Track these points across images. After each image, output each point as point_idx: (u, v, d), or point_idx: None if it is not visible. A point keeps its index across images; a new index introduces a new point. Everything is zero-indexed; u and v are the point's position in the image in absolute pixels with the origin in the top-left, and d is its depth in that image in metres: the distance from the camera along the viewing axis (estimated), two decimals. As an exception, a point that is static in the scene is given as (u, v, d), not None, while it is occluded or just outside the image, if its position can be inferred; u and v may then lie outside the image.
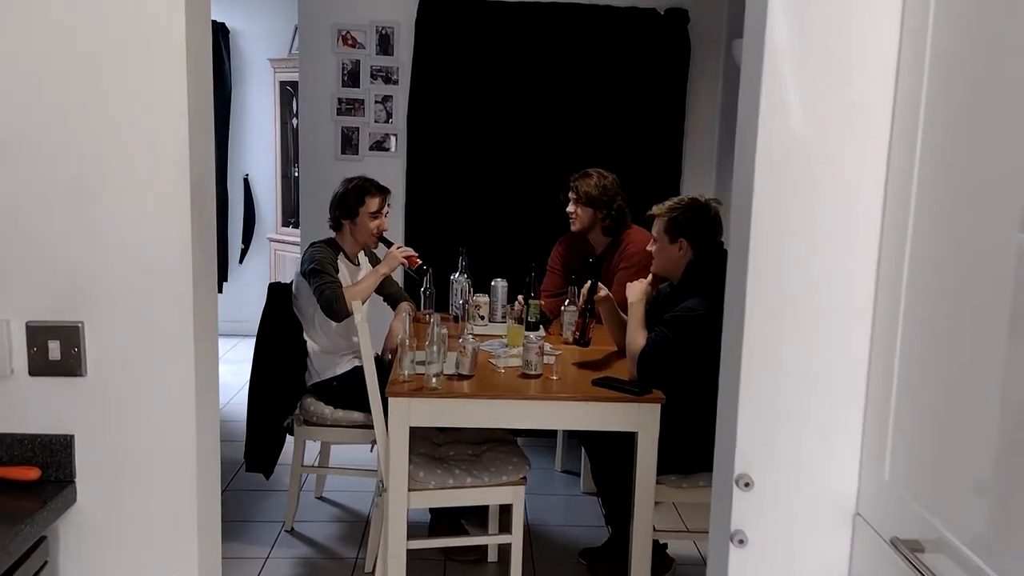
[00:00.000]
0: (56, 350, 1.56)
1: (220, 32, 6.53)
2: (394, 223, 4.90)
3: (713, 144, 5.02)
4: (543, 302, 3.78)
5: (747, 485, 1.54)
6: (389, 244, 3.57)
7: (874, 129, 1.45)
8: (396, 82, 4.90)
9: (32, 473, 1.57)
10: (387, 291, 3.81)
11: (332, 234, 3.60)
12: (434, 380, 2.82)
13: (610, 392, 2.86)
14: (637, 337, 3.01)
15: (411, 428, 2.83)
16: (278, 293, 3.54)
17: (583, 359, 3.28)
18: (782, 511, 1.54)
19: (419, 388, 2.82)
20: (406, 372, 2.90)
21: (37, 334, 1.56)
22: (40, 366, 1.57)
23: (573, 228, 3.84)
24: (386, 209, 3.58)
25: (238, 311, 6.06)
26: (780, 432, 1.53)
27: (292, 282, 3.55)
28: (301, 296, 3.49)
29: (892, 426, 1.44)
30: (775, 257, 1.50)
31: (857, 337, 1.50)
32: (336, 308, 3.31)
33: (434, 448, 3.12)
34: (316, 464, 3.92)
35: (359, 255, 3.67)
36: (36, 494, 1.53)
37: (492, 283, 3.84)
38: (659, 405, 2.82)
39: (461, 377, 2.95)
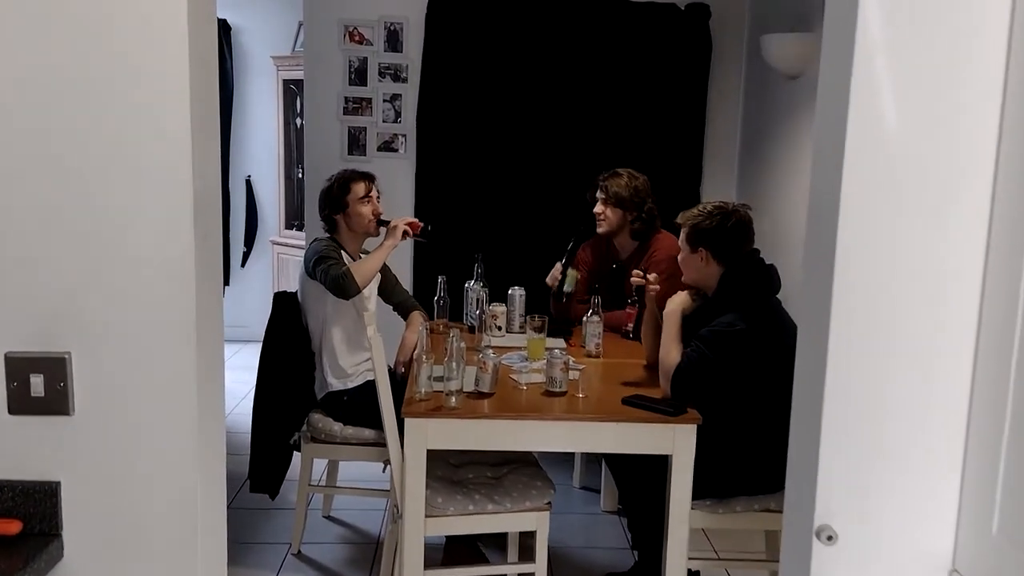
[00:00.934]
0: (39, 385, 1.37)
1: (221, 29, 6.33)
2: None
3: (735, 145, 4.83)
4: (580, 274, 3.63)
5: (830, 539, 1.34)
6: (387, 223, 3.38)
7: (981, 134, 1.26)
8: (405, 80, 4.70)
9: (12, 527, 1.37)
10: (397, 300, 3.62)
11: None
12: (453, 399, 2.63)
13: (642, 412, 2.67)
14: (672, 352, 2.81)
15: (428, 451, 2.64)
16: (284, 303, 3.35)
17: (609, 374, 3.09)
18: (873, 569, 1.35)
19: (437, 408, 2.63)
20: (423, 389, 2.71)
21: (18, 367, 1.37)
22: (21, 404, 1.38)
23: (600, 230, 3.65)
24: (375, 193, 3.38)
25: (240, 316, 5.87)
26: (871, 477, 1.34)
27: (297, 290, 3.36)
28: (308, 298, 3.29)
29: (1003, 471, 1.25)
30: (864, 276, 1.31)
31: (958, 368, 1.31)
32: (344, 284, 3.11)
33: (451, 470, 2.93)
34: (323, 483, 3.73)
35: (363, 255, 3.48)
36: (17, 550, 1.34)
37: (509, 291, 3.65)
38: (695, 426, 2.63)
39: (481, 395, 2.75)
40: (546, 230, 4.54)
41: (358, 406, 3.23)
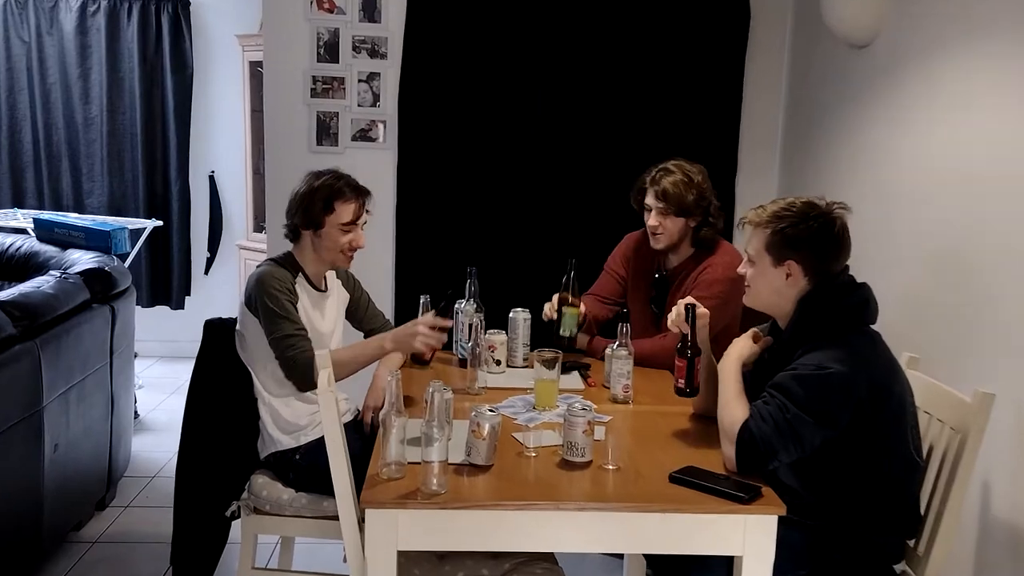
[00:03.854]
0: None
1: (179, 5, 5.57)
2: (382, 234, 3.96)
3: (776, 132, 4.06)
4: (583, 308, 2.85)
5: None
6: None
7: None
8: (384, 56, 3.93)
9: None
10: (370, 326, 2.86)
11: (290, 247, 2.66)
12: (435, 481, 1.86)
13: (698, 494, 1.91)
14: (734, 408, 2.05)
15: (399, 552, 1.88)
16: (217, 334, 2.58)
17: (644, 430, 2.32)
18: None
19: (411, 493, 1.87)
20: (392, 461, 1.95)
21: None
22: None
23: (658, 246, 2.90)
24: (364, 218, 2.63)
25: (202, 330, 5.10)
26: None
27: (237, 318, 2.60)
28: (248, 335, 2.53)
29: None
30: None
31: None
32: (304, 376, 2.41)
33: (434, 568, 2.17)
34: (274, 566, 2.96)
35: (327, 278, 2.72)
36: None
37: (511, 314, 2.88)
38: (775, 517, 1.87)
39: (474, 468, 1.99)
40: (556, 238, 3.80)
41: (314, 469, 2.46)
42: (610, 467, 2.03)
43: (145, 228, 4.96)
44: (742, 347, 2.20)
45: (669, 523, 1.88)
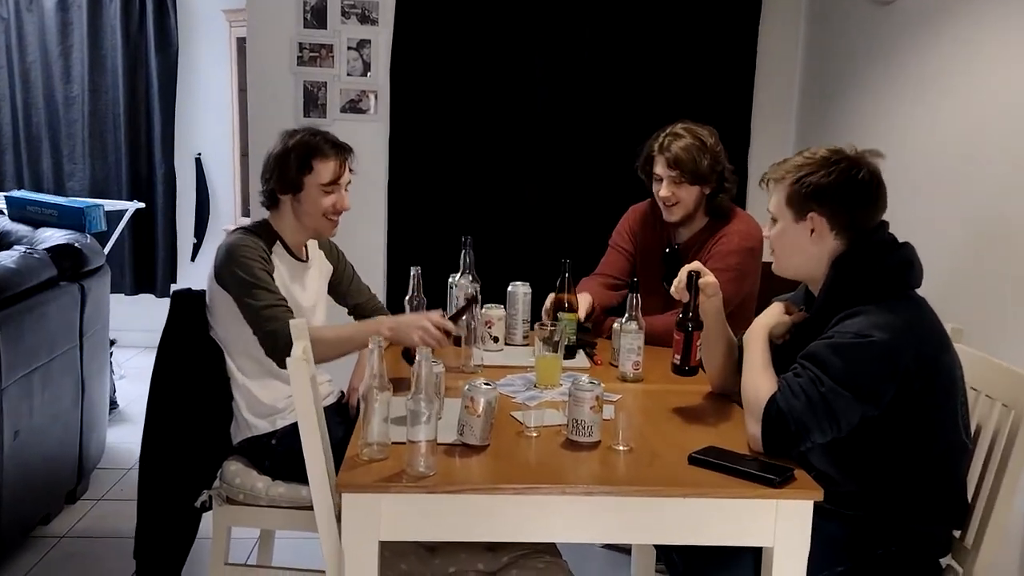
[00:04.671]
0: None
1: (163, -21, 5.34)
2: (373, 211, 3.73)
3: (792, 98, 3.83)
4: (590, 300, 2.60)
5: None
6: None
7: None
8: (375, 22, 3.72)
9: None
10: (355, 300, 2.64)
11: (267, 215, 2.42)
12: (422, 461, 1.63)
13: (722, 477, 1.67)
14: (760, 381, 1.82)
15: (382, 543, 1.65)
16: (186, 307, 2.35)
17: (656, 409, 2.09)
18: None
19: (395, 475, 1.63)
20: (374, 441, 1.71)
21: None
22: None
23: (672, 218, 2.65)
24: (347, 177, 2.39)
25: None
26: None
27: (206, 291, 2.36)
28: (219, 312, 2.30)
29: None
30: None
31: None
32: (287, 351, 2.15)
33: (424, 561, 1.93)
34: (253, 562, 2.72)
35: (308, 247, 2.48)
36: None
37: (509, 288, 2.65)
38: (811, 503, 1.64)
39: (467, 448, 1.76)
40: (556, 209, 3.57)
41: (292, 455, 2.20)
42: (621, 448, 1.79)
43: (126, 211, 4.74)
44: (771, 315, 1.96)
45: (689, 510, 1.64)
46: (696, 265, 2.01)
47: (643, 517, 1.67)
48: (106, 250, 4.54)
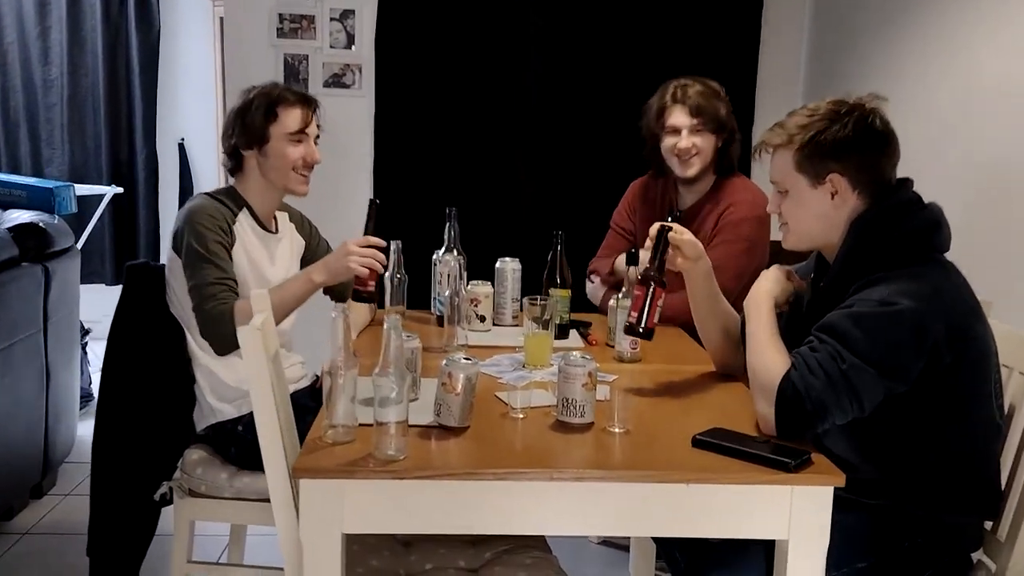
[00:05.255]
0: None
1: (144, -44, 5.15)
2: (358, 189, 3.55)
3: (799, 63, 3.64)
4: (597, 277, 2.44)
5: None
6: (374, 209, 2.18)
7: None
8: (359, -9, 3.53)
9: None
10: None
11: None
12: (391, 443, 1.44)
13: (729, 461, 1.48)
14: (770, 357, 1.63)
15: (348, 537, 1.46)
16: (141, 280, 2.16)
17: (655, 391, 1.90)
18: None
19: (361, 459, 1.44)
20: (339, 423, 1.53)
21: None
22: None
23: (689, 172, 2.50)
24: (315, 129, 2.22)
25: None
26: None
27: (165, 264, 2.18)
28: (178, 284, 2.11)
29: None
30: None
31: None
32: (223, 333, 1.97)
33: (398, 556, 1.74)
34: (224, 560, 2.54)
35: (278, 219, 2.30)
36: None
37: (498, 264, 2.46)
38: (831, 489, 1.45)
39: (445, 430, 1.57)
40: (548, 182, 3.40)
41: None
42: (617, 429, 1.61)
43: (104, 195, 4.56)
44: (773, 279, 1.78)
45: (692, 498, 1.45)
46: (671, 225, 1.83)
47: (640, 506, 1.47)
48: (84, 236, 4.39)
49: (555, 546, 1.87)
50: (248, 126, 2.14)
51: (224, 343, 2.02)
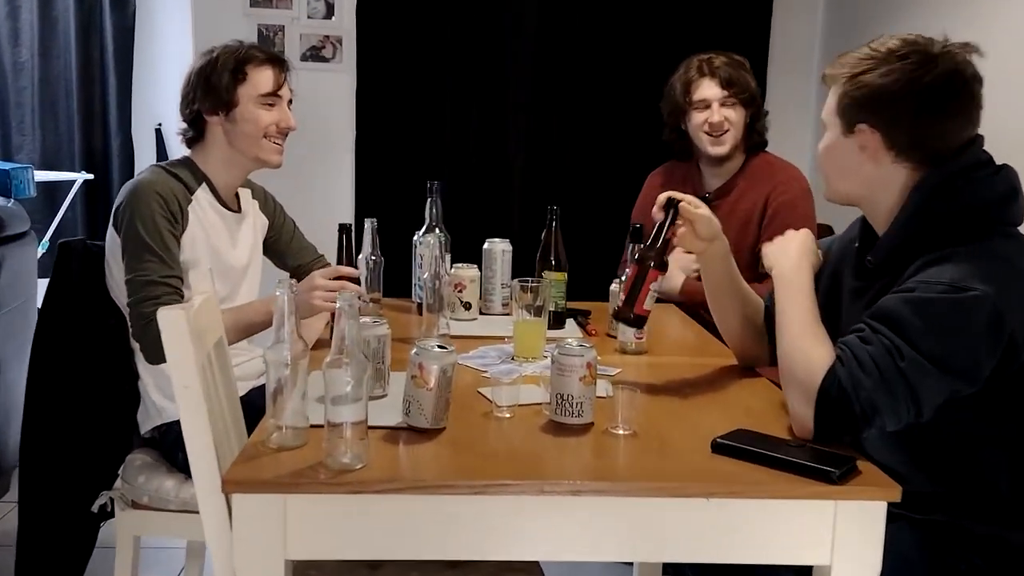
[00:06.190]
0: None
1: (117, -73, 4.89)
2: (339, 169, 3.29)
3: (813, 37, 3.41)
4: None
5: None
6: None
7: None
8: (339, -43, 3.28)
9: None
10: (297, 261, 2.21)
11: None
12: (347, 452, 1.18)
13: (756, 469, 1.22)
14: (811, 346, 1.37)
15: (294, 564, 1.20)
16: (74, 262, 1.90)
17: (665, 386, 1.64)
18: None
19: (307, 470, 1.18)
20: (287, 424, 1.26)
21: None
22: None
23: (721, 150, 2.38)
24: (288, 92, 1.99)
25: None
26: None
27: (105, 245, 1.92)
28: (118, 266, 1.85)
29: None
30: None
31: None
32: (158, 339, 1.70)
33: (361, 583, 1.48)
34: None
35: (241, 196, 2.05)
36: None
37: (485, 246, 2.21)
38: (884, 504, 1.19)
39: (415, 432, 1.31)
40: (541, 158, 3.16)
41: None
42: (621, 431, 1.35)
43: (75, 182, 4.32)
44: (805, 247, 1.53)
45: (714, 515, 1.19)
46: (678, 195, 1.57)
47: (651, 527, 1.21)
48: (53, 225, 4.13)
49: (550, 564, 1.61)
50: (213, 88, 1.90)
51: (157, 351, 1.73)
